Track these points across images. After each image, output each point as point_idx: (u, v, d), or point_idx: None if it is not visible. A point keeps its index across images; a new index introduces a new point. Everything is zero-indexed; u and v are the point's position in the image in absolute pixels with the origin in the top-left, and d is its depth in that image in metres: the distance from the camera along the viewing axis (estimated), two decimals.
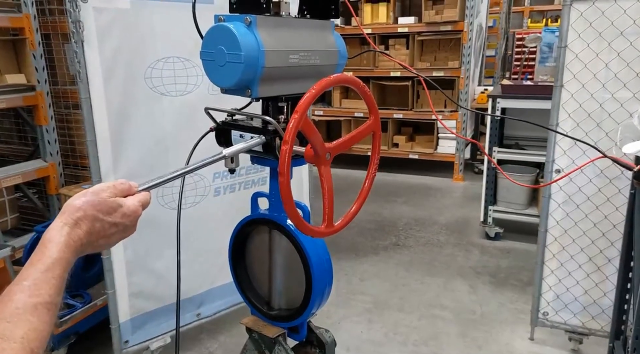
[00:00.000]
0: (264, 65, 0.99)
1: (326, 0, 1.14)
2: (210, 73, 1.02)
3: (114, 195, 0.79)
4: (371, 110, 1.07)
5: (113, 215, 0.78)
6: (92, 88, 2.09)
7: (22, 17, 2.95)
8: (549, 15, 7.96)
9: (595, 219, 2.24)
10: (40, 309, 0.66)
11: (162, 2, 2.21)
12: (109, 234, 0.79)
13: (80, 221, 0.75)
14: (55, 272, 0.70)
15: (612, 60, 2.10)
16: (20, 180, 3.05)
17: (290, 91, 1.11)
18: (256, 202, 1.26)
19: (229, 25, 0.97)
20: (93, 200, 0.76)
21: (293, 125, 0.89)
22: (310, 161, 1.02)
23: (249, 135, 1.09)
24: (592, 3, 2.07)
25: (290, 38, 1.06)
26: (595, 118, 2.19)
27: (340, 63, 1.21)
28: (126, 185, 0.82)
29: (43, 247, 0.72)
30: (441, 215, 4.29)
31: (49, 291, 0.68)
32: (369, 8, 5.43)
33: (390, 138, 5.65)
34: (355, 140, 1.06)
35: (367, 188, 1.09)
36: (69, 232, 0.74)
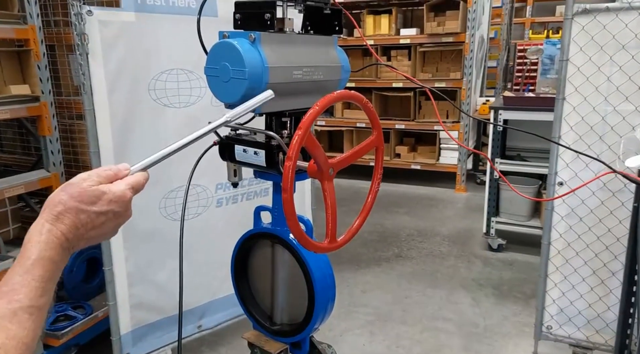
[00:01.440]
0: (267, 81, 1.00)
1: (329, 17, 1.15)
2: (215, 89, 1.03)
3: (97, 183, 0.73)
4: (374, 125, 1.07)
5: (97, 203, 0.72)
6: (96, 100, 2.11)
7: (28, 29, 2.97)
8: (550, 27, 8.01)
9: (598, 232, 2.23)
10: (19, 314, 0.63)
11: (167, 15, 2.23)
12: (99, 224, 0.74)
13: (62, 215, 0.70)
14: (35, 273, 0.66)
15: (613, 73, 2.11)
16: (23, 190, 3.06)
17: (294, 106, 1.12)
18: (259, 216, 1.26)
19: (233, 41, 0.97)
20: (72, 192, 0.71)
21: (297, 141, 0.89)
22: (314, 176, 1.03)
23: (253, 150, 1.09)
24: (593, 17, 2.08)
25: (293, 54, 1.07)
26: (597, 131, 2.20)
27: (343, 78, 1.22)
28: (112, 171, 0.76)
29: (23, 248, 0.68)
30: (443, 226, 4.28)
31: (28, 295, 0.65)
32: (371, 19, 5.46)
33: (392, 148, 5.66)
34: (358, 156, 1.06)
35: (369, 203, 1.09)
36: (49, 229, 0.69)
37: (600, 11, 2.07)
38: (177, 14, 2.26)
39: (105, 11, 2.08)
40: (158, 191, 2.31)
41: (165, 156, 0.83)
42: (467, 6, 4.90)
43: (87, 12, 1.98)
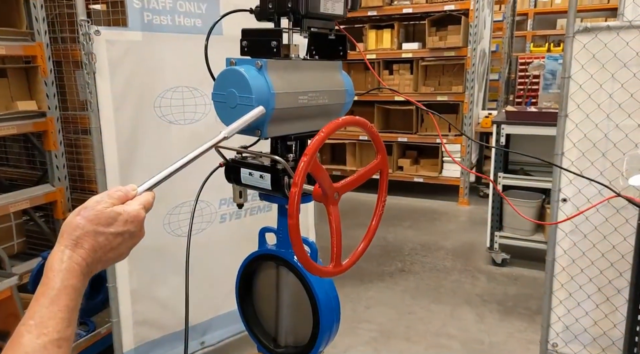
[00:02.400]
0: (274, 107, 1.01)
1: (334, 42, 1.17)
2: (222, 114, 1.04)
3: (110, 204, 0.74)
4: (378, 149, 1.08)
5: (114, 225, 0.74)
6: (103, 117, 2.13)
7: (35, 46, 3.02)
8: (551, 40, 8.04)
9: (603, 249, 2.23)
10: (49, 348, 0.64)
11: (172, 34, 2.26)
12: (116, 245, 0.75)
13: (81, 240, 0.71)
14: (60, 304, 0.67)
15: (615, 90, 2.12)
16: (28, 205, 3.08)
17: (299, 130, 1.13)
18: (264, 237, 1.27)
19: (240, 69, 0.99)
20: (89, 215, 0.72)
21: (302, 167, 0.90)
22: (319, 200, 1.03)
23: (258, 174, 1.10)
24: (594, 35, 2.10)
25: (299, 79, 1.08)
26: (600, 148, 2.20)
27: (347, 102, 1.23)
28: (122, 192, 0.78)
29: (46, 278, 0.69)
30: (447, 239, 4.27)
31: (56, 327, 0.66)
32: (374, 34, 5.51)
33: (394, 161, 5.67)
34: (363, 179, 1.07)
35: (374, 226, 1.10)
36: (70, 256, 0.70)
37: (601, 30, 2.09)
38: (182, 33, 2.29)
39: (112, 31, 2.11)
40: (162, 208, 2.32)
41: (169, 175, 0.85)
42: (468, 21, 4.94)
43: (95, 32, 2.02)
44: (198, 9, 2.33)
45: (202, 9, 2.35)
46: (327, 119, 1.20)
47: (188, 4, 2.28)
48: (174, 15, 2.26)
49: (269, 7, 1.06)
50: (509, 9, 6.28)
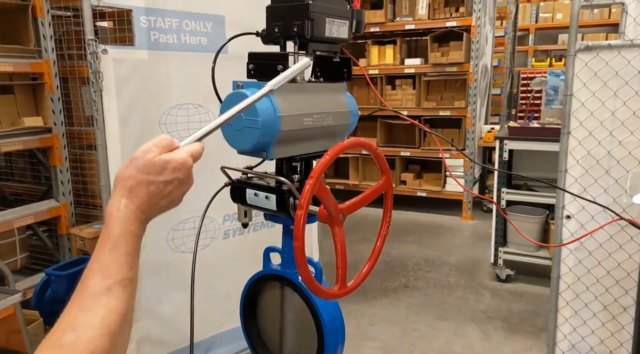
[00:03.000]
0: (280, 129, 1.03)
1: (339, 64, 1.19)
2: (228, 137, 1.05)
3: (158, 153, 0.76)
4: (383, 170, 1.09)
5: (163, 173, 0.75)
6: (108, 134, 2.15)
7: (42, 63, 3.06)
8: (552, 55, 8.10)
9: (608, 266, 2.22)
10: (114, 289, 0.68)
11: (178, 52, 2.29)
12: (167, 193, 0.77)
13: (134, 189, 0.74)
14: (121, 248, 0.71)
15: (618, 108, 2.13)
16: (33, 221, 3.09)
17: (304, 151, 1.14)
18: (268, 257, 1.27)
19: (246, 92, 1.00)
20: (139, 165, 0.74)
21: (308, 190, 0.91)
22: (324, 221, 1.04)
23: (264, 194, 1.11)
24: (596, 54, 2.12)
25: (304, 102, 1.10)
26: (603, 165, 2.21)
27: (352, 122, 1.25)
28: (168, 140, 0.79)
29: (106, 225, 0.73)
30: (451, 255, 4.25)
31: (119, 270, 0.69)
32: (376, 50, 5.56)
33: (398, 175, 5.68)
34: (368, 200, 1.08)
35: (378, 247, 1.10)
36: (126, 204, 0.73)
37: (603, 48, 2.11)
38: (188, 51, 2.32)
39: (119, 49, 2.15)
40: (166, 224, 2.33)
41: (212, 130, 0.86)
42: (470, 37, 4.99)
43: (103, 51, 2.05)
44: (204, 28, 2.36)
45: (208, 28, 2.38)
46: (331, 140, 1.21)
47: (194, 23, 2.32)
48: (180, 34, 2.29)
49: (275, 31, 1.08)
50: (510, 25, 6.34)
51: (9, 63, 2.85)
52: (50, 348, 0.62)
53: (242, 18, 2.45)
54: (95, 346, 0.63)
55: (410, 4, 5.31)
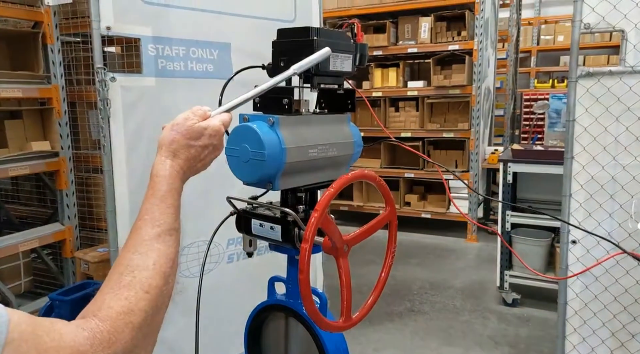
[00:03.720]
0: (285, 161, 1.04)
1: (343, 96, 1.21)
2: (234, 168, 1.07)
3: (197, 120, 0.87)
4: (387, 201, 1.10)
5: (201, 138, 0.86)
6: (115, 160, 2.18)
7: (51, 88, 3.11)
8: (555, 76, 8.17)
9: (615, 292, 2.20)
10: (163, 236, 0.77)
11: (185, 79, 2.33)
12: (204, 156, 0.88)
13: (177, 151, 0.84)
14: (167, 202, 0.80)
15: (620, 134, 2.14)
16: (37, 244, 3.10)
17: (309, 182, 1.15)
18: (273, 287, 1.27)
19: (252, 125, 1.02)
20: (181, 130, 0.85)
21: (313, 223, 0.92)
22: (329, 253, 1.05)
23: (269, 225, 1.12)
24: (597, 80, 2.14)
25: (309, 134, 1.11)
26: (608, 190, 2.21)
27: (356, 152, 1.26)
28: (202, 110, 0.90)
29: (152, 182, 0.82)
30: (456, 278, 4.22)
31: (166, 220, 0.78)
32: (379, 73, 5.62)
33: (402, 197, 5.68)
34: (372, 231, 1.09)
35: (383, 278, 1.11)
36: (171, 164, 0.83)
37: (604, 74, 2.13)
38: (194, 78, 2.36)
39: (127, 77, 2.19)
40: None
41: (239, 104, 0.95)
42: (472, 60, 5.04)
43: (111, 79, 2.08)
44: (210, 55, 2.41)
45: (214, 55, 2.42)
46: (336, 170, 1.22)
47: (201, 50, 2.36)
48: (187, 61, 2.34)
49: (281, 64, 1.11)
50: (512, 47, 6.41)
51: (19, 89, 2.91)
52: (112, 288, 0.70)
53: (247, 45, 2.50)
54: (149, 284, 0.71)
55: (412, 28, 5.39)
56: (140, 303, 0.69)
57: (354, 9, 5.58)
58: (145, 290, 0.70)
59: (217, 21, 2.40)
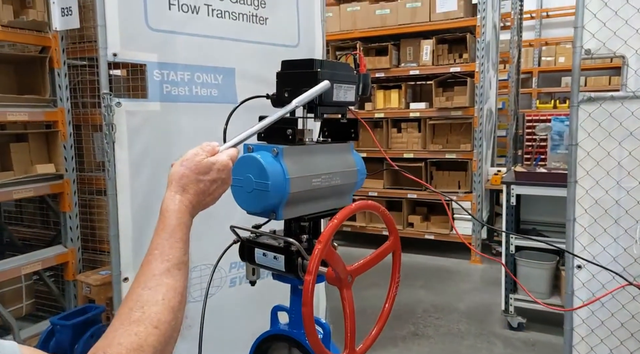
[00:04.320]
0: (289, 191, 1.04)
1: (346, 125, 1.22)
2: (238, 198, 1.07)
3: (206, 156, 0.90)
4: (391, 230, 1.10)
5: (210, 173, 0.89)
6: (119, 184, 2.18)
7: (57, 111, 3.15)
8: (556, 97, 8.21)
9: (622, 318, 2.17)
10: (172, 270, 0.79)
11: (190, 103, 2.36)
12: (212, 190, 0.90)
13: (187, 186, 0.87)
14: (176, 236, 0.82)
15: (623, 158, 2.14)
16: (40, 267, 3.10)
17: (312, 211, 1.15)
18: (276, 316, 1.26)
19: (257, 156, 1.03)
20: (190, 166, 0.88)
21: (317, 255, 0.92)
22: (332, 283, 1.04)
23: (272, 255, 1.12)
24: (599, 105, 2.15)
25: (313, 163, 1.12)
26: (612, 214, 2.20)
27: (359, 180, 1.26)
28: (211, 146, 0.93)
29: (162, 217, 0.85)
30: (461, 301, 4.17)
31: (175, 254, 0.81)
32: (382, 94, 5.67)
33: (405, 218, 5.66)
34: (376, 261, 1.08)
35: (387, 310, 1.10)
36: (180, 199, 0.86)
37: (605, 99, 2.14)
38: (199, 103, 2.39)
39: (132, 102, 2.21)
40: None
41: (245, 138, 0.97)
42: (474, 82, 5.08)
43: (117, 104, 2.11)
44: (215, 80, 2.44)
45: (219, 80, 2.45)
46: (339, 199, 1.23)
47: (205, 75, 2.39)
48: (192, 86, 2.36)
49: (285, 95, 1.12)
50: (513, 69, 6.46)
51: (25, 112, 2.94)
52: (122, 323, 0.72)
53: (251, 69, 2.53)
54: (158, 319, 0.73)
55: (414, 50, 5.45)
56: (149, 339, 0.70)
57: (357, 32, 5.66)
58: (155, 325, 0.72)
59: (221, 47, 2.44)
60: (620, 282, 2.14)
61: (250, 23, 2.54)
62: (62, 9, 2.99)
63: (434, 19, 5.23)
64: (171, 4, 2.25)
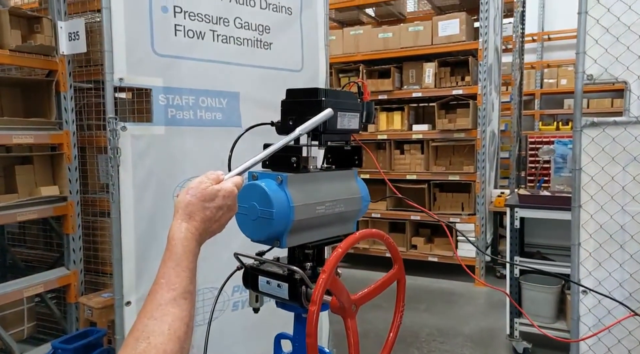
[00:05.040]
0: (293, 219, 1.05)
1: (350, 153, 1.22)
2: (242, 226, 1.08)
3: (211, 184, 0.90)
4: (395, 258, 1.09)
5: (215, 200, 0.89)
6: (123, 207, 2.19)
7: (62, 134, 3.17)
8: (559, 118, 8.24)
9: (629, 345, 2.13)
10: (178, 300, 0.79)
11: (194, 127, 2.38)
12: (218, 217, 0.90)
13: (193, 214, 0.87)
14: (183, 265, 0.82)
15: (628, 183, 2.14)
16: (42, 289, 3.08)
17: (316, 238, 1.15)
18: (279, 344, 1.25)
19: (261, 184, 1.04)
20: (196, 193, 0.88)
21: (321, 285, 0.91)
22: (336, 312, 1.03)
23: (276, 283, 1.11)
24: (602, 130, 2.16)
25: (317, 190, 1.12)
26: (617, 239, 2.18)
27: (364, 207, 1.27)
28: (215, 174, 0.93)
29: (169, 245, 0.85)
30: (465, 324, 4.12)
31: (182, 283, 0.80)
32: (384, 116, 5.70)
33: (408, 239, 5.63)
34: (380, 290, 1.08)
35: (392, 339, 1.09)
36: (187, 227, 0.86)
37: (608, 124, 2.15)
38: (203, 126, 2.41)
39: (137, 126, 2.23)
40: None
41: (249, 167, 0.97)
42: (476, 104, 5.11)
43: (122, 128, 2.13)
44: (219, 104, 2.46)
45: (223, 104, 2.48)
46: (343, 226, 1.23)
47: (210, 99, 2.42)
48: (196, 109, 2.39)
49: (290, 123, 1.13)
50: (515, 91, 6.50)
51: (31, 135, 2.97)
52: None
53: (255, 93, 2.56)
54: (164, 349, 0.73)
55: (416, 73, 5.50)
56: None
57: (359, 54, 5.73)
58: None
59: (226, 71, 2.48)
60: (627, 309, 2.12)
61: (255, 48, 2.58)
62: (69, 34, 3.06)
63: (436, 43, 5.29)
64: (177, 29, 2.29)
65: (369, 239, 5.78)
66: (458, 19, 5.17)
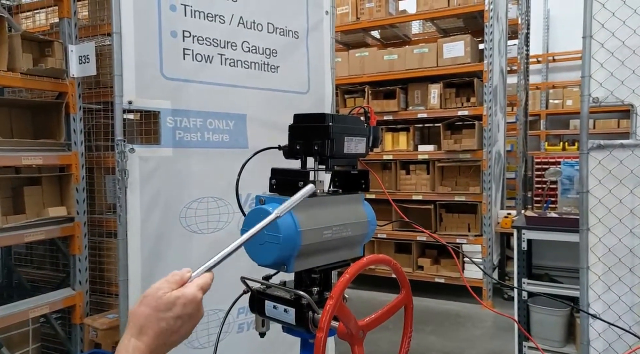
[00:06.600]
0: (300, 243, 1.05)
1: (356, 177, 1.23)
2: (249, 251, 1.08)
3: (169, 289, 0.81)
4: (402, 284, 1.09)
5: (173, 309, 0.79)
6: (130, 229, 2.20)
7: (71, 155, 3.20)
8: (565, 139, 8.23)
9: None
10: None
11: (201, 149, 2.40)
12: (177, 328, 0.80)
13: (145, 327, 0.78)
14: None
15: (636, 206, 2.13)
16: (48, 310, 3.07)
17: (323, 262, 1.15)
18: None
19: (268, 208, 1.04)
20: (150, 303, 0.79)
21: (329, 311, 0.91)
22: (343, 338, 1.03)
23: (283, 308, 1.11)
24: (608, 152, 2.16)
25: (324, 215, 1.13)
26: (626, 263, 2.16)
27: (370, 231, 1.26)
28: (178, 276, 0.83)
29: None
30: (473, 348, 4.05)
31: None
32: (390, 136, 5.72)
33: (414, 260, 5.59)
34: (388, 316, 1.07)
35: None
36: (136, 345, 0.77)
37: (615, 147, 2.15)
38: (210, 148, 2.43)
39: (145, 148, 2.25)
40: None
41: (220, 260, 0.88)
42: (482, 125, 5.13)
43: (130, 150, 2.15)
44: (226, 126, 2.49)
45: (230, 126, 2.50)
46: (350, 250, 1.23)
47: (217, 121, 2.45)
48: (204, 132, 2.41)
49: (297, 147, 1.14)
50: (521, 111, 6.52)
51: (40, 156, 3.00)
52: None
53: (262, 115, 2.59)
54: None
55: (422, 94, 5.54)
56: None
57: (365, 76, 5.79)
58: None
59: (233, 94, 2.51)
60: (635, 332, 2.08)
61: (262, 71, 2.61)
62: (79, 57, 3.11)
63: (442, 64, 5.34)
64: (185, 53, 2.33)
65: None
66: (463, 41, 5.22)
